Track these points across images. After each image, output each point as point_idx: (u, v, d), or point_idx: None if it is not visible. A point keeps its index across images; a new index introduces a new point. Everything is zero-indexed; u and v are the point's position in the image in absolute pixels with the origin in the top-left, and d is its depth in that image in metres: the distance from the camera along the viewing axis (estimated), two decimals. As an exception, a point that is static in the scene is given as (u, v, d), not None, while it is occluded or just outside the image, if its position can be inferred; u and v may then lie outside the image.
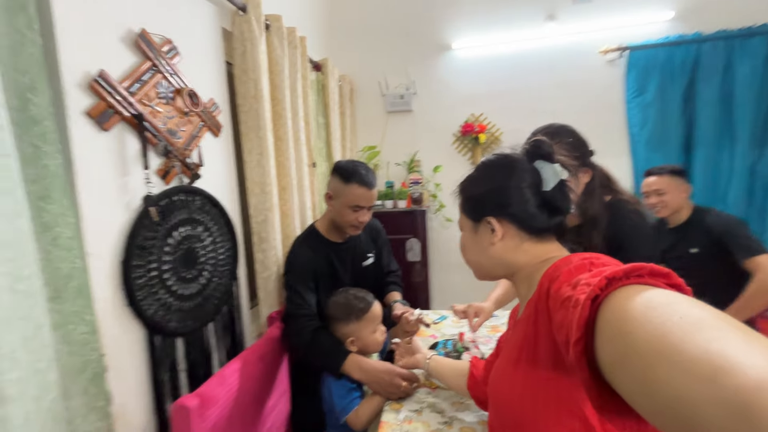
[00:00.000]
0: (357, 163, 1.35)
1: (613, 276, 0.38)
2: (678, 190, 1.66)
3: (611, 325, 0.36)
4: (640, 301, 0.35)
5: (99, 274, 0.86)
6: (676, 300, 0.34)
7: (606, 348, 0.36)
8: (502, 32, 2.38)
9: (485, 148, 2.51)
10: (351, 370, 1.07)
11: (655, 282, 0.38)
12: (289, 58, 1.66)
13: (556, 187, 0.61)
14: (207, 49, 1.27)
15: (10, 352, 0.59)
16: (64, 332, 0.76)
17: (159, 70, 1.03)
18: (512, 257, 0.62)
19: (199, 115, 1.19)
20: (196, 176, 1.16)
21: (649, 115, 2.20)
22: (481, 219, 0.63)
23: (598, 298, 0.38)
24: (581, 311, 0.38)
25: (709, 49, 2.08)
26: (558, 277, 0.48)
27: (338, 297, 1.18)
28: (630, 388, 0.34)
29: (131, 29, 0.96)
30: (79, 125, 0.82)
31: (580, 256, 0.50)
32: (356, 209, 1.31)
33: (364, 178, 1.29)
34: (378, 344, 1.16)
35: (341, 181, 1.31)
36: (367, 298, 1.17)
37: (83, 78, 0.83)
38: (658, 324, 0.32)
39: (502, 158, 0.66)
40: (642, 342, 0.32)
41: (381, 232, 1.61)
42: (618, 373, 0.35)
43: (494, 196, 0.62)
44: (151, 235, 0.99)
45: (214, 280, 1.23)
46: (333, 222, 1.39)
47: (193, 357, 1.12)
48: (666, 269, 0.39)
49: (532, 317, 0.53)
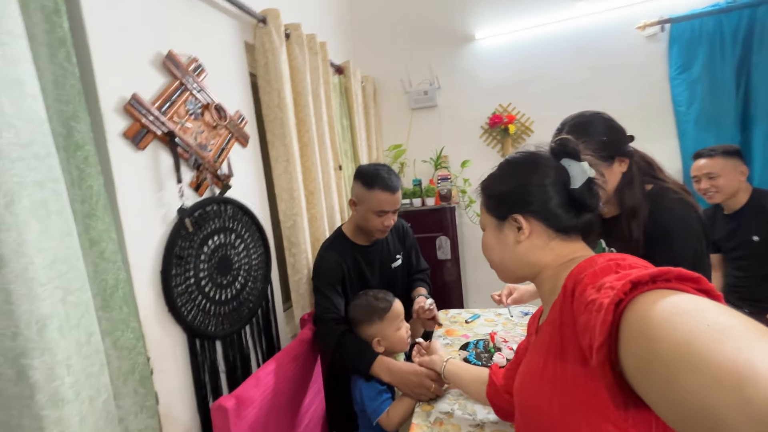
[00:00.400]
0: (379, 166, 1.33)
1: (638, 280, 0.37)
2: (733, 173, 1.52)
3: (635, 330, 0.35)
4: (666, 306, 0.34)
5: (141, 283, 0.92)
6: (705, 306, 0.33)
7: (630, 354, 0.36)
8: (528, 17, 2.28)
9: (515, 139, 2.42)
10: (380, 373, 1.08)
11: (683, 287, 0.37)
12: (310, 64, 1.69)
13: (584, 185, 0.59)
14: (231, 63, 1.32)
15: (66, 359, 0.65)
16: (113, 338, 0.82)
17: (187, 88, 1.09)
18: (538, 256, 0.60)
19: (226, 128, 1.24)
20: (226, 186, 1.21)
21: (696, 92, 2.02)
22: (507, 217, 0.62)
23: (623, 303, 0.37)
24: (605, 316, 0.37)
25: (765, 12, 1.87)
26: (582, 279, 0.47)
27: (359, 300, 1.20)
28: (654, 394, 0.33)
29: (159, 52, 1.02)
30: (117, 146, 0.89)
31: (606, 257, 0.48)
32: (381, 214, 1.30)
33: (386, 183, 1.27)
34: (404, 341, 1.16)
35: (364, 187, 1.30)
36: (387, 297, 1.18)
37: (119, 102, 0.89)
38: (685, 331, 0.31)
39: (527, 155, 0.64)
40: (667, 349, 0.31)
41: (409, 232, 1.60)
42: (642, 380, 0.34)
43: (521, 193, 0.61)
44: (187, 245, 1.05)
45: (248, 284, 1.28)
46: (359, 226, 1.39)
47: (231, 358, 1.18)
48: (695, 274, 0.37)
49: (558, 320, 0.52)
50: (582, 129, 0.94)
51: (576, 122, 0.97)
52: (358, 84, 2.27)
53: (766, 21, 1.87)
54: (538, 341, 0.58)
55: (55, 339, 0.63)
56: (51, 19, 0.75)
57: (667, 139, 2.15)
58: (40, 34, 0.74)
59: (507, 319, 1.49)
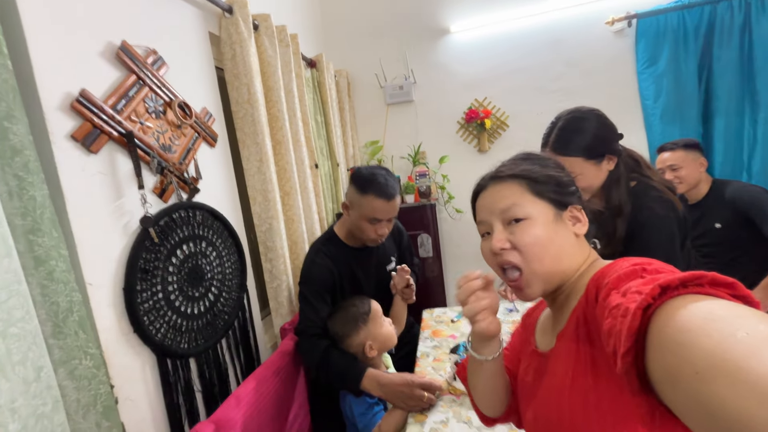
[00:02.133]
0: (377, 169, 1.22)
1: (668, 284, 0.35)
2: (694, 164, 1.60)
3: (665, 336, 0.33)
4: (699, 312, 0.32)
5: (100, 304, 0.82)
6: (742, 313, 0.31)
7: (658, 361, 0.34)
8: (502, 10, 2.27)
9: (491, 133, 2.43)
10: (370, 388, 1.03)
11: (717, 292, 0.35)
12: (282, 57, 1.60)
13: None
14: (195, 56, 1.21)
15: (10, 402, 0.56)
16: (68, 368, 0.72)
17: (145, 83, 0.98)
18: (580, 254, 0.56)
19: (192, 127, 1.14)
20: (195, 191, 1.11)
21: (662, 86, 2.09)
22: (568, 206, 0.57)
23: (651, 308, 0.35)
24: (631, 321, 0.35)
25: (725, 9, 1.95)
26: (606, 284, 0.44)
27: (337, 315, 1.16)
28: (684, 404, 0.31)
29: (111, 42, 0.91)
30: (64, 150, 0.78)
31: (630, 261, 0.45)
32: (374, 222, 1.20)
33: (382, 189, 1.16)
34: (392, 334, 1.14)
35: (357, 191, 1.20)
36: (362, 300, 1.16)
37: (64, 99, 0.78)
38: (720, 338, 0.29)
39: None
40: (700, 357, 0.29)
41: (404, 233, 1.54)
42: (671, 388, 0.33)
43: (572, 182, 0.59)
44: (153, 257, 0.95)
45: (222, 294, 1.19)
46: (351, 232, 1.30)
47: (207, 376, 1.09)
48: (730, 279, 0.35)
49: (582, 327, 0.49)
50: (576, 123, 0.95)
51: (571, 117, 0.96)
52: (331, 78, 2.19)
53: (726, 17, 1.96)
54: (560, 352, 0.54)
55: (-6, 381, 0.54)
56: (-27, 3, 0.64)
57: (636, 132, 2.22)
58: (-40, 20, 0.63)
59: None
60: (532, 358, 0.62)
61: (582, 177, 0.95)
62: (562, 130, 0.97)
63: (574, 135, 0.95)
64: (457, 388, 1.02)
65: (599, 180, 0.97)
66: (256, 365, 1.30)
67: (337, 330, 1.13)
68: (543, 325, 0.64)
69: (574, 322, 0.51)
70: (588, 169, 0.96)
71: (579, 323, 0.50)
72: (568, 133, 0.96)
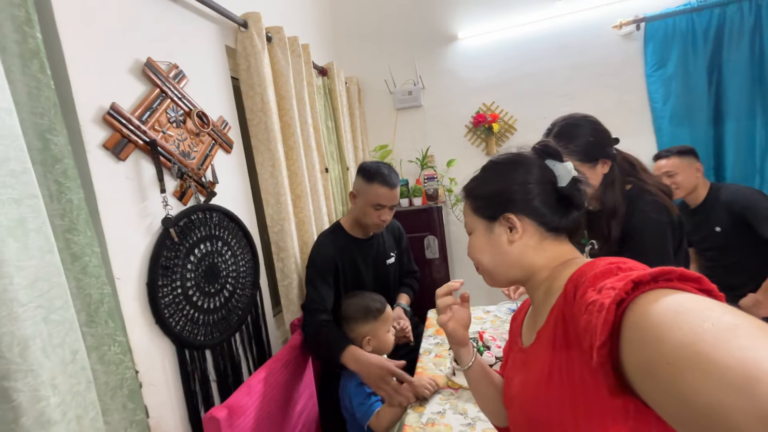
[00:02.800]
0: (381, 164, 1.41)
1: (639, 279, 0.37)
2: (689, 170, 1.63)
3: (638, 330, 0.35)
4: (669, 305, 0.33)
5: (127, 296, 0.91)
6: (709, 306, 0.32)
7: (632, 354, 0.35)
8: (509, 16, 2.31)
9: (499, 137, 2.46)
10: (347, 361, 1.12)
11: (686, 287, 0.36)
12: (293, 67, 1.68)
13: (570, 183, 0.60)
14: (212, 69, 1.30)
15: (51, 379, 0.64)
16: (99, 354, 0.81)
17: (168, 95, 1.07)
18: (531, 257, 0.60)
19: (209, 134, 1.23)
20: (212, 194, 1.20)
21: (671, 89, 2.08)
22: (498, 217, 0.61)
23: (624, 302, 0.37)
24: (606, 315, 0.36)
25: (735, 11, 1.94)
26: (583, 283, 0.46)
27: (354, 299, 1.24)
28: (657, 395, 0.33)
29: (138, 59, 1.00)
30: (96, 158, 0.87)
31: (607, 261, 0.47)
32: (378, 208, 1.37)
33: (386, 178, 1.35)
34: (390, 343, 1.22)
35: (364, 181, 1.39)
36: (381, 299, 1.23)
37: (97, 112, 0.87)
38: (689, 330, 0.30)
39: (513, 156, 0.64)
40: (671, 348, 0.31)
41: (404, 235, 1.68)
42: (644, 380, 0.34)
43: (512, 191, 0.60)
44: (173, 255, 1.03)
45: (237, 291, 1.27)
46: (357, 220, 1.46)
47: (222, 367, 1.17)
48: (697, 274, 0.37)
49: (560, 324, 0.51)
50: (570, 130, 1.00)
51: (565, 123, 1.02)
52: (342, 85, 2.26)
53: (735, 19, 1.94)
54: (539, 349, 0.56)
55: (39, 360, 0.62)
56: (22, 30, 0.73)
57: (645, 135, 2.22)
58: (10, 46, 0.72)
59: (495, 317, 1.52)
60: (517, 356, 0.66)
61: None
62: (556, 136, 1.02)
63: (568, 141, 0.99)
64: (456, 382, 1.06)
65: (594, 182, 1.01)
66: (267, 358, 1.37)
67: (349, 312, 1.22)
68: (527, 322, 0.67)
69: (553, 320, 0.53)
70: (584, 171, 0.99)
71: (557, 321, 0.51)
72: (562, 139, 1.00)
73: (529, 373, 0.59)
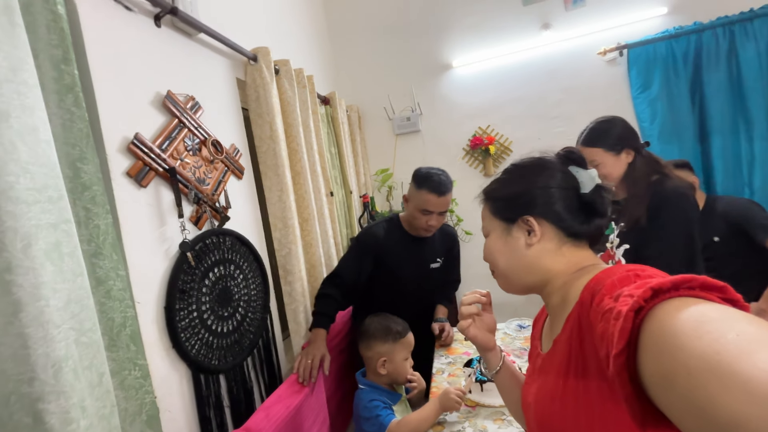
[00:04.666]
0: (433, 170, 1.45)
1: (659, 287, 0.35)
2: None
3: (657, 338, 0.33)
4: (691, 314, 0.32)
5: (146, 320, 0.92)
6: (733, 316, 0.31)
7: (651, 363, 0.34)
8: (499, 45, 2.45)
9: (496, 158, 2.54)
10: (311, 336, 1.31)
11: (708, 295, 0.35)
12: (299, 97, 1.76)
13: (594, 191, 0.59)
14: (225, 100, 1.37)
15: (80, 401, 0.64)
16: (119, 378, 0.81)
17: (185, 125, 1.12)
18: (548, 262, 0.59)
19: (223, 161, 1.27)
20: (225, 218, 1.23)
21: (657, 109, 2.19)
22: (517, 219, 0.61)
23: (643, 310, 0.35)
24: (623, 323, 0.35)
25: (710, 37, 2.08)
26: (600, 290, 0.45)
27: (378, 318, 1.23)
28: (676, 406, 0.31)
29: (159, 92, 1.05)
30: (121, 185, 0.90)
31: (625, 268, 0.46)
32: (425, 213, 1.41)
33: (435, 185, 1.39)
34: (406, 373, 1.17)
35: (414, 187, 1.45)
36: (405, 325, 1.21)
37: (122, 142, 0.92)
38: (712, 340, 0.29)
39: (536, 160, 0.64)
40: (692, 359, 0.30)
41: (457, 244, 1.72)
42: (663, 391, 0.33)
43: (533, 195, 0.60)
44: (189, 279, 1.05)
45: (248, 315, 1.28)
46: (409, 221, 1.53)
47: (235, 392, 1.16)
48: (720, 282, 0.36)
49: (576, 335, 0.50)
50: (603, 124, 1.19)
51: (600, 119, 1.21)
52: (343, 113, 2.35)
53: (711, 44, 2.08)
54: (555, 356, 0.55)
55: (70, 381, 0.63)
56: (59, 68, 0.78)
57: (636, 153, 2.30)
58: (48, 82, 0.77)
59: (505, 333, 1.53)
60: (536, 360, 0.65)
61: (602, 165, 1.16)
62: (591, 129, 1.19)
63: (599, 132, 1.19)
64: (472, 399, 1.06)
65: (618, 169, 1.15)
66: (278, 383, 1.35)
67: (369, 328, 1.21)
68: (546, 329, 0.67)
69: (569, 329, 0.52)
70: (607, 159, 1.16)
71: (573, 329, 0.50)
72: (595, 131, 1.20)
73: (545, 381, 0.58)
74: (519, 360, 1.29)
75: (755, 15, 2.02)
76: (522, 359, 1.30)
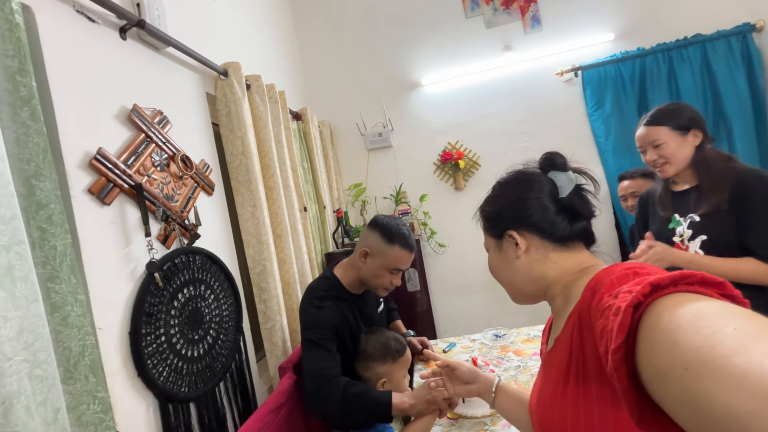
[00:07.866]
0: (398, 220, 1.25)
1: (658, 282, 0.36)
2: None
3: (655, 333, 0.34)
4: (688, 309, 0.32)
5: (108, 347, 0.85)
6: (731, 311, 0.31)
7: (648, 358, 0.34)
8: (466, 65, 2.56)
9: (465, 172, 2.62)
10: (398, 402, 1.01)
11: (707, 291, 0.36)
12: (271, 112, 1.74)
13: (573, 192, 0.60)
14: (194, 115, 1.33)
15: (33, 442, 0.58)
16: (77, 414, 0.74)
17: (153, 140, 1.08)
18: (541, 270, 0.60)
19: (192, 177, 1.23)
20: (195, 236, 1.18)
21: (611, 125, 2.36)
22: (503, 234, 0.63)
23: (641, 306, 0.36)
24: (622, 318, 0.36)
25: (652, 61, 2.29)
26: (600, 289, 0.46)
27: (375, 335, 1.16)
28: (674, 401, 0.32)
29: (124, 106, 1.01)
30: (81, 203, 0.85)
31: (624, 266, 0.47)
32: (394, 272, 1.21)
33: (408, 240, 1.20)
34: (405, 390, 1.13)
35: (384, 241, 1.19)
36: (402, 341, 1.16)
37: (84, 158, 0.87)
38: (709, 334, 0.29)
39: (515, 174, 0.67)
40: (689, 353, 0.30)
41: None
42: (661, 385, 0.33)
43: (511, 209, 0.63)
44: (156, 301, 0.99)
45: (220, 337, 1.22)
46: (362, 279, 1.25)
47: (207, 420, 1.09)
48: (719, 278, 0.36)
49: (576, 331, 0.50)
50: (670, 106, 1.18)
51: (668, 104, 1.19)
52: (315, 129, 2.35)
53: (653, 67, 2.29)
54: (556, 354, 0.56)
55: (23, 420, 0.57)
56: (14, 79, 0.73)
57: (594, 165, 2.46)
58: (2, 94, 0.72)
59: (482, 344, 1.55)
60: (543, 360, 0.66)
61: (666, 145, 1.13)
62: (657, 109, 1.19)
63: (666, 112, 1.16)
64: (455, 412, 1.06)
65: (683, 151, 1.12)
66: (253, 409, 1.29)
67: (367, 349, 1.13)
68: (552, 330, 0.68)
69: (570, 327, 0.52)
70: (673, 138, 1.13)
71: (574, 327, 0.51)
72: (661, 112, 1.17)
73: (546, 379, 0.59)
74: (498, 369, 1.30)
75: (689, 42, 2.25)
76: (500, 368, 1.31)
